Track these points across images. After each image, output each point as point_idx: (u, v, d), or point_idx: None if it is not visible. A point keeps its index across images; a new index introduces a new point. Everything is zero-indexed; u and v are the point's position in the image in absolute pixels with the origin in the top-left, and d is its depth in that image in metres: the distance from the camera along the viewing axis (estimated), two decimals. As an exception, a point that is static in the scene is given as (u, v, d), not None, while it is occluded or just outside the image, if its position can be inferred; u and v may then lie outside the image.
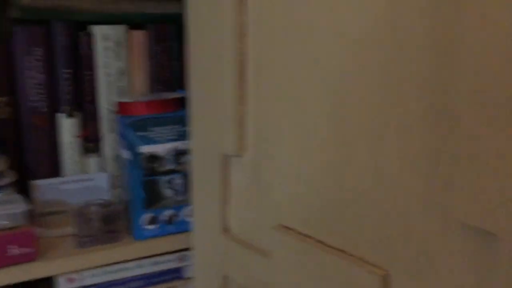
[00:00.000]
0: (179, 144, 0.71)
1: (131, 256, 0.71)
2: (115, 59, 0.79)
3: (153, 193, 0.70)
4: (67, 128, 0.78)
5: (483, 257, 0.39)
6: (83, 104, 0.80)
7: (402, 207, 0.44)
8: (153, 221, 0.71)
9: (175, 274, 0.77)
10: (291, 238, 0.54)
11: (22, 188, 0.75)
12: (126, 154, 0.70)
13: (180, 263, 0.76)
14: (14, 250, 0.64)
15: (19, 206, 0.66)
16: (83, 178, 0.79)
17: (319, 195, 0.52)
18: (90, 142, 0.80)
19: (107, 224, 0.70)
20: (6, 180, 0.71)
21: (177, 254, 0.76)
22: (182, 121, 0.71)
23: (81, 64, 0.79)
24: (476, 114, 0.37)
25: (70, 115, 0.78)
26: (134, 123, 0.68)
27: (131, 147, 0.69)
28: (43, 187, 0.77)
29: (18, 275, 0.65)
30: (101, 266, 0.71)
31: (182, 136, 0.71)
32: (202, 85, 0.63)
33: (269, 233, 0.58)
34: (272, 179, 0.57)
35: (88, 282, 0.71)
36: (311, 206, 0.53)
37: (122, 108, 0.72)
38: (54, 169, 0.79)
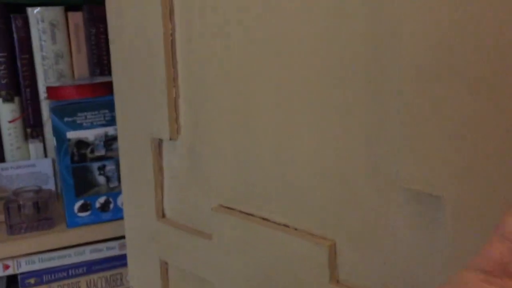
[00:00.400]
0: (109, 130, 0.69)
1: (65, 244, 0.70)
2: (52, 42, 0.77)
3: (84, 180, 0.69)
4: (7, 113, 0.77)
5: (428, 221, 0.39)
6: (22, 88, 0.78)
7: (345, 175, 0.44)
8: (85, 208, 0.70)
9: (119, 261, 0.76)
10: (233, 217, 0.53)
11: (-39, 174, 0.75)
12: (53, 141, 0.69)
13: (122, 251, 0.75)
14: None
15: None
16: (25, 164, 0.78)
17: (259, 172, 0.50)
18: (32, 127, 0.79)
19: (40, 211, 0.70)
20: None
21: (117, 242, 0.75)
22: (112, 105, 0.69)
23: (18, 48, 0.77)
24: (418, 85, 0.37)
25: (8, 99, 0.77)
26: (60, 108, 0.67)
27: (57, 133, 0.67)
28: (-17, 173, 0.77)
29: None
30: (37, 253, 0.71)
31: (113, 121, 0.69)
32: (128, 68, 0.61)
33: (209, 215, 0.56)
34: (210, 161, 0.55)
35: (25, 269, 0.71)
36: (251, 183, 0.51)
37: (51, 93, 0.70)
38: (-6, 155, 0.78)
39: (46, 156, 0.80)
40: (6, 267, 0.70)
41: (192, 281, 0.62)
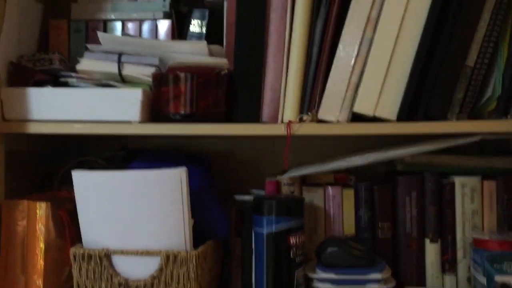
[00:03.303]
0: (527, 277, 0.90)
1: None
2: (470, 202, 1.05)
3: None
4: (431, 251, 1.06)
5: None
6: (444, 234, 1.06)
7: None
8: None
9: None
10: None
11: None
12: (482, 280, 0.93)
13: None
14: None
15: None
16: (441, 291, 1.05)
17: None
18: (448, 264, 1.06)
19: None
20: (390, 284, 1.02)
21: None
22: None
23: (444, 204, 1.06)
24: None
25: (433, 241, 1.06)
26: (493, 257, 0.91)
27: (488, 274, 0.91)
28: (412, 293, 1.05)
29: None
30: None
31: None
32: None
33: None
34: None
35: None
36: None
37: (480, 243, 0.95)
38: (420, 280, 1.06)
39: (457, 287, 1.05)
40: None
41: None
